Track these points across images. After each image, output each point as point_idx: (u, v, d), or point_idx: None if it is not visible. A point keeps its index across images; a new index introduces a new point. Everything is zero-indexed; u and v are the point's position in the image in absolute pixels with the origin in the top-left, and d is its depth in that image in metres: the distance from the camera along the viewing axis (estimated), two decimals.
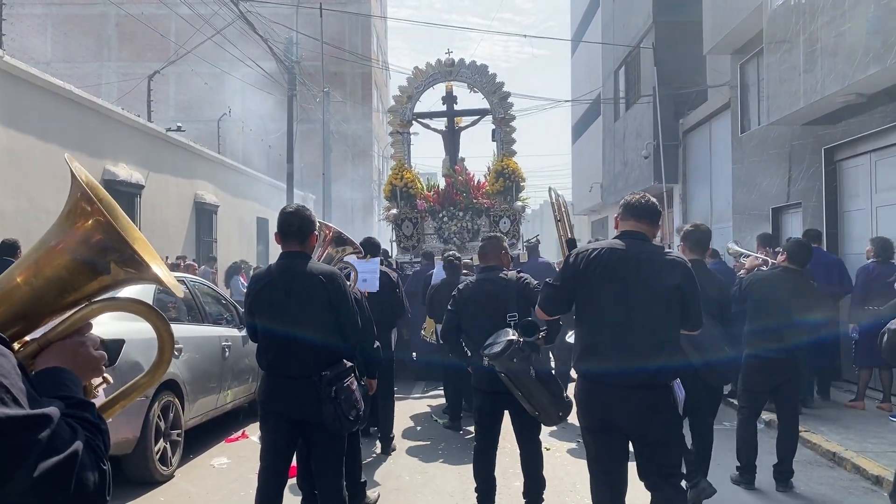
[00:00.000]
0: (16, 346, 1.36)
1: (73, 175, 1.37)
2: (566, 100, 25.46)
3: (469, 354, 4.73)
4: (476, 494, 4.70)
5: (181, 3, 16.50)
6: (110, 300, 1.47)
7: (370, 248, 6.28)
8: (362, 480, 4.99)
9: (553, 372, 7.50)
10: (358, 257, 4.85)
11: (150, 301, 6.06)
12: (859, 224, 9.53)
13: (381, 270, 6.52)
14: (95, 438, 1.22)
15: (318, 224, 3.94)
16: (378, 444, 6.72)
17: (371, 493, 5.19)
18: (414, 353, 10.15)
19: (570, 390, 3.99)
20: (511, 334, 4.27)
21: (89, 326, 1.45)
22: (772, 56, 10.39)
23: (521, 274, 4.79)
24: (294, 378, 3.75)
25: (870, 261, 7.98)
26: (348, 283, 4.13)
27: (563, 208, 4.18)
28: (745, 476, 5.56)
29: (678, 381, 3.50)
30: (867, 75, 7.87)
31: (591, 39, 24.27)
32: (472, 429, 6.89)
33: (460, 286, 4.98)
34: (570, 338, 4.15)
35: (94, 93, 15.67)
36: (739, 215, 13.27)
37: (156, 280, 1.40)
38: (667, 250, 3.67)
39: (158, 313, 1.51)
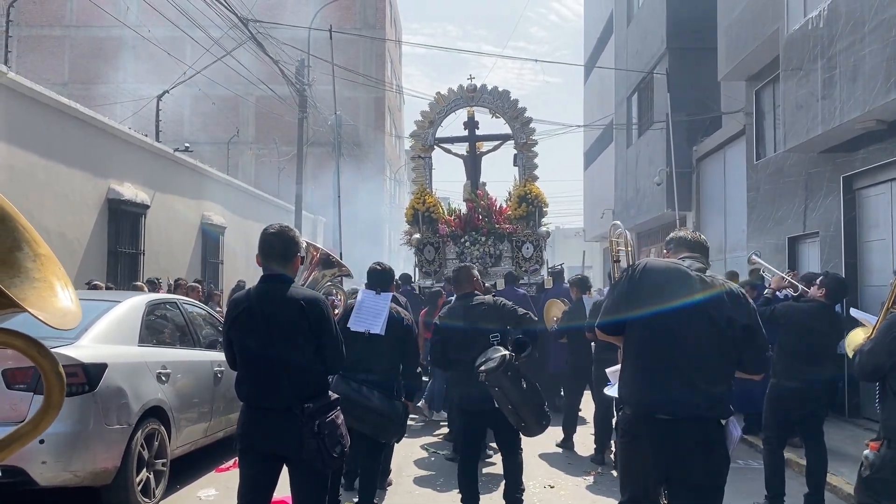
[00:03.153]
0: None
1: None
2: (578, 125, 25.30)
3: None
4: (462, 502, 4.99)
5: (195, 27, 16.50)
6: None
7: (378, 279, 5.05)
8: None
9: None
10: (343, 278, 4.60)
11: (138, 322, 5.84)
12: (880, 255, 9.19)
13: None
14: None
15: (304, 245, 3.68)
16: None
17: None
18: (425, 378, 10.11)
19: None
20: (503, 350, 4.51)
21: None
22: (788, 82, 10.14)
23: (497, 297, 5.08)
24: (274, 410, 3.48)
25: None
26: (336, 310, 3.89)
27: (629, 246, 4.04)
28: None
29: (734, 418, 3.19)
30: (888, 101, 7.60)
31: (604, 66, 24.15)
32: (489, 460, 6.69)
33: (440, 315, 5.16)
34: (610, 391, 3.94)
35: (108, 113, 15.63)
36: (754, 244, 12.95)
37: (26, 312, 1.14)
38: (727, 280, 3.34)
39: (41, 347, 1.24)
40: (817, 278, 6.42)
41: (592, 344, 7.15)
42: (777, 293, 6.42)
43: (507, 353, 4.43)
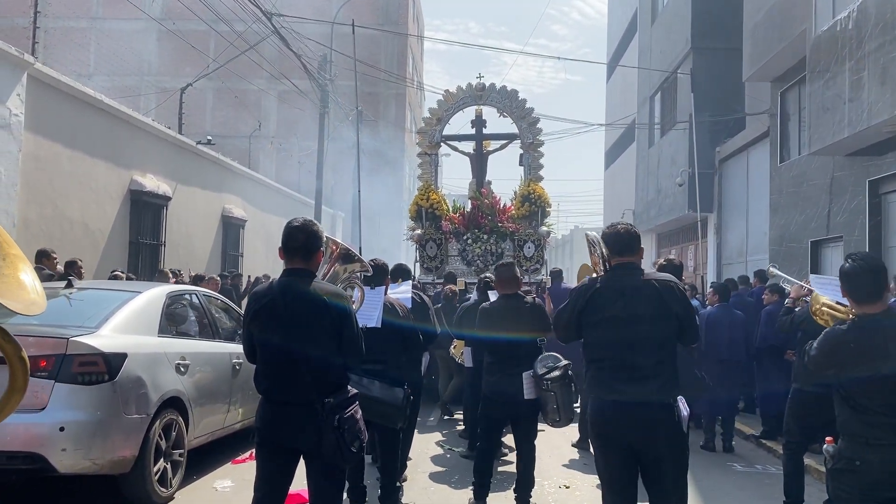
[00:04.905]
0: None
1: None
2: (600, 123, 25.16)
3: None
4: (473, 488, 5.36)
5: (220, 21, 16.59)
6: None
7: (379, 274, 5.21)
8: None
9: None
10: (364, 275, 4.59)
11: (158, 313, 5.87)
12: None
13: (412, 295, 6.26)
14: None
15: (324, 239, 3.68)
16: None
17: None
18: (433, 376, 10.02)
19: None
20: (563, 360, 5.02)
21: None
22: (815, 84, 10.02)
23: (537, 300, 5.49)
24: (294, 404, 3.48)
25: None
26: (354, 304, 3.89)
27: (602, 247, 4.47)
28: None
29: (682, 398, 3.66)
30: None
31: (627, 65, 23.99)
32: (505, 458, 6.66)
33: (485, 307, 5.53)
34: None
35: (132, 105, 15.75)
36: (776, 247, 12.82)
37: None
38: (651, 271, 3.89)
39: (2, 332, 1.30)
40: None
41: None
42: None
43: (567, 362, 4.98)
